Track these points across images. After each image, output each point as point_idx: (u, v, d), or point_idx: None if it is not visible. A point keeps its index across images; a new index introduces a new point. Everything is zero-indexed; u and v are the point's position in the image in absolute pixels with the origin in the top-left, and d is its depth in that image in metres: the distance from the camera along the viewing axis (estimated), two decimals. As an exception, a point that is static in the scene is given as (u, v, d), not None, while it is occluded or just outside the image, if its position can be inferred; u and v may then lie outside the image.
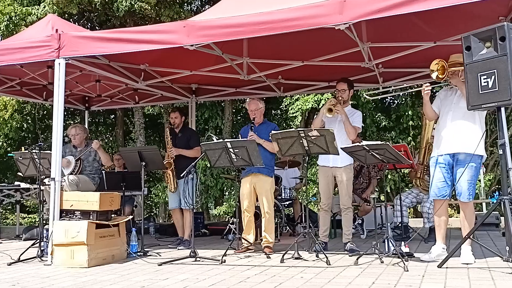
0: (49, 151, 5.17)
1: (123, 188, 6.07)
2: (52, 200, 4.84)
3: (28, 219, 15.67)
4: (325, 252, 4.55)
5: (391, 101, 13.82)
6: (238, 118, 15.16)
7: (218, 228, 7.68)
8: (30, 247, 5.09)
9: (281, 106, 12.83)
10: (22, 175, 5.90)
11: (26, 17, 11.00)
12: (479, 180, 8.86)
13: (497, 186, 12.80)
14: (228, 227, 6.99)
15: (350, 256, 4.79)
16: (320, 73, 6.92)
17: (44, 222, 5.23)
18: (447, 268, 3.94)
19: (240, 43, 5.84)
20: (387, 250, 4.52)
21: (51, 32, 5.34)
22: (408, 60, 6.18)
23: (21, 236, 7.47)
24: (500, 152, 3.87)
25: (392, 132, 12.29)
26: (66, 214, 4.83)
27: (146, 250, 5.35)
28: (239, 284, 3.52)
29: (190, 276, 3.90)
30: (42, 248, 4.95)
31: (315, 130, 4.57)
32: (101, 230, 4.74)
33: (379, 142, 4.41)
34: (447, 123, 4.34)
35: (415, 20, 4.98)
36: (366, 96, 7.61)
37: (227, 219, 11.10)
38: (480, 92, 3.83)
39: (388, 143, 4.40)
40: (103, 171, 6.38)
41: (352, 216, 5.31)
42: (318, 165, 5.41)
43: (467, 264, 4.09)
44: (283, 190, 7.14)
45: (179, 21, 6.04)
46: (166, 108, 13.07)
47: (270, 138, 4.86)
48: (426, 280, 3.50)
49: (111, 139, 16.48)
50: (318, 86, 7.61)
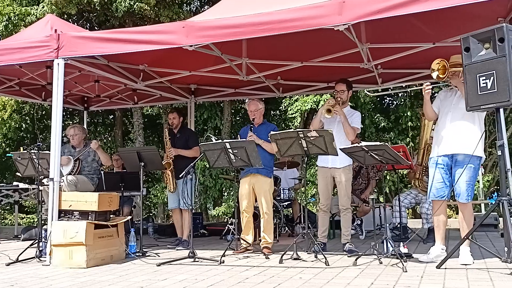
0: (47, 151, 5.16)
1: (122, 189, 6.07)
2: (51, 201, 4.83)
3: (26, 220, 15.65)
4: (324, 252, 4.56)
5: (390, 102, 13.83)
6: (237, 118, 15.16)
7: (217, 229, 7.68)
8: (28, 247, 5.08)
9: (280, 107, 12.83)
10: (21, 175, 5.89)
11: (25, 17, 10.98)
12: (478, 181, 8.86)
13: (495, 187, 12.82)
14: (227, 227, 6.99)
15: (349, 256, 4.79)
16: (319, 73, 6.92)
17: (42, 222, 5.22)
18: (445, 268, 3.94)
19: (239, 44, 5.84)
20: (386, 250, 4.52)
21: (50, 32, 5.33)
22: (407, 61, 6.18)
23: (19, 236, 7.46)
24: (499, 153, 3.87)
25: (391, 133, 12.30)
26: (64, 214, 4.83)
27: (144, 250, 5.35)
28: (238, 284, 3.52)
29: (189, 276, 3.90)
30: (41, 249, 4.94)
31: (314, 131, 4.58)
32: (99, 231, 4.73)
33: (378, 143, 4.41)
34: (446, 124, 4.34)
35: (414, 21, 4.98)
36: (368, 93, 7.61)
37: (226, 219, 11.09)
38: (479, 93, 3.83)
39: (387, 143, 4.39)
40: (102, 172, 6.38)
41: (351, 216, 5.31)
42: (317, 165, 5.41)
43: (466, 265, 4.10)
44: (282, 190, 7.13)
45: (178, 21, 6.03)
46: (165, 108, 13.06)
47: (269, 138, 4.87)
48: (424, 280, 3.50)
49: (110, 139, 16.46)
50: (317, 87, 7.61)
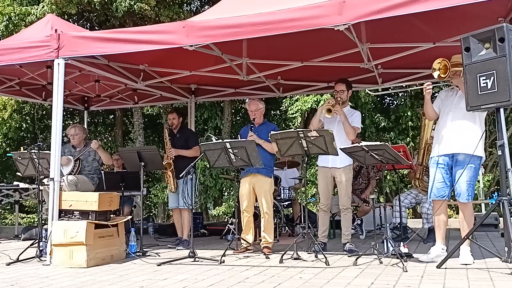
0: (48, 151, 5.16)
1: (122, 188, 6.07)
2: (51, 200, 4.83)
3: (27, 219, 15.65)
4: (324, 252, 4.55)
5: (390, 101, 13.83)
6: (238, 118, 15.17)
7: (217, 229, 7.68)
8: (29, 247, 5.08)
9: (281, 107, 12.83)
10: (21, 175, 5.89)
11: (26, 17, 10.98)
12: (478, 181, 8.86)
13: (496, 187, 12.82)
14: (227, 227, 6.99)
15: (349, 256, 4.79)
16: (320, 73, 6.92)
17: (43, 222, 5.23)
18: (446, 268, 3.94)
19: (239, 44, 5.83)
20: (386, 250, 4.52)
21: (50, 32, 5.34)
22: (407, 61, 6.18)
23: (20, 236, 7.46)
24: (499, 153, 3.87)
25: (391, 132, 12.31)
26: (65, 214, 4.83)
27: (145, 250, 5.35)
28: (238, 284, 3.52)
29: (189, 276, 3.90)
30: (41, 248, 4.94)
31: (314, 130, 4.57)
32: (100, 230, 4.73)
33: (378, 143, 4.41)
34: (447, 124, 4.34)
35: (414, 21, 4.98)
36: (369, 92, 7.61)
37: (226, 219, 11.09)
38: (479, 93, 3.83)
39: (387, 143, 4.40)
40: (102, 171, 6.38)
41: (351, 216, 5.31)
42: (317, 165, 5.41)
43: (466, 264, 4.10)
44: (282, 190, 7.14)
45: (178, 21, 6.04)
46: (165, 108, 13.07)
47: (270, 138, 4.87)
48: (425, 280, 3.50)
49: (110, 139, 16.47)
50: (318, 87, 7.61)
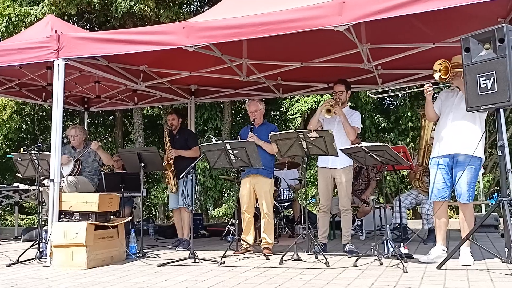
0: (48, 152, 5.16)
1: (122, 189, 6.07)
2: (51, 201, 4.83)
3: (27, 220, 15.64)
4: (324, 253, 4.56)
5: (390, 102, 13.83)
6: (238, 119, 15.17)
7: (217, 230, 7.67)
8: (29, 248, 5.08)
9: (281, 108, 12.83)
10: (21, 176, 5.89)
11: (25, 17, 10.99)
12: (478, 182, 8.85)
13: (496, 188, 12.81)
14: (227, 228, 6.99)
15: (349, 257, 4.79)
16: (320, 74, 6.92)
17: (43, 223, 5.22)
18: (446, 269, 3.94)
19: (239, 44, 5.83)
20: (386, 251, 4.52)
21: (50, 33, 5.33)
22: (407, 61, 6.18)
23: (20, 237, 7.45)
24: (499, 153, 3.87)
25: (391, 133, 12.31)
26: (65, 215, 4.83)
27: (145, 251, 5.34)
28: (238, 285, 3.52)
29: (189, 277, 3.89)
30: (41, 250, 4.94)
31: (314, 131, 4.57)
32: (100, 232, 4.73)
33: (378, 144, 4.41)
34: (447, 124, 4.34)
35: (414, 22, 4.98)
36: (370, 95, 7.62)
37: (226, 220, 11.08)
38: (479, 93, 3.83)
39: (387, 144, 4.40)
40: (102, 172, 6.38)
41: (351, 217, 5.31)
42: (317, 166, 5.41)
43: (466, 265, 4.09)
44: (282, 191, 7.13)
45: (178, 22, 6.04)
46: (165, 109, 13.07)
47: (269, 139, 4.86)
48: (425, 281, 3.50)
49: (110, 140, 16.47)
50: (318, 88, 7.61)
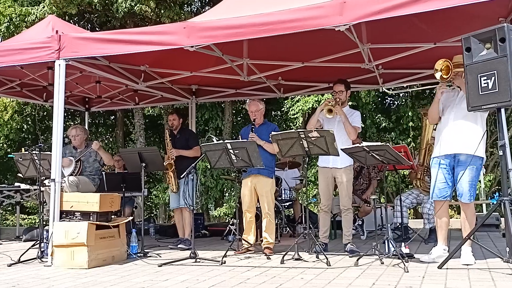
0: (49, 152, 5.17)
1: (123, 189, 6.07)
2: (52, 201, 4.84)
3: (28, 220, 15.67)
4: (325, 253, 4.55)
5: (391, 102, 13.82)
6: (238, 119, 15.17)
7: (218, 229, 7.68)
8: (30, 248, 5.08)
9: (282, 108, 12.83)
10: (22, 176, 5.90)
11: (26, 17, 11.00)
12: (480, 181, 8.85)
13: (497, 187, 12.79)
14: (228, 228, 6.99)
15: (350, 257, 4.79)
16: (320, 74, 6.92)
17: (44, 223, 5.23)
18: (447, 269, 3.94)
19: (240, 44, 5.84)
20: (387, 251, 4.52)
21: (51, 33, 5.33)
22: (408, 61, 6.18)
23: (21, 237, 7.46)
24: (500, 153, 3.87)
25: (392, 133, 12.30)
26: (66, 215, 4.83)
27: (146, 251, 5.34)
28: (239, 285, 3.52)
29: (190, 277, 3.90)
30: (42, 249, 4.95)
31: (315, 131, 4.57)
32: (101, 231, 4.73)
33: (379, 143, 4.41)
34: (448, 124, 4.33)
35: (415, 21, 4.98)
36: (386, 91, 7.62)
37: (227, 220, 11.09)
38: (480, 93, 3.83)
39: (388, 144, 4.39)
40: (103, 172, 6.38)
41: (352, 217, 5.31)
42: (318, 166, 5.41)
43: (468, 265, 4.09)
44: (283, 191, 7.13)
45: (179, 22, 6.04)
46: (166, 109, 13.08)
47: (270, 139, 4.86)
48: (426, 281, 3.50)
49: (111, 140, 16.48)
50: (318, 87, 7.60)
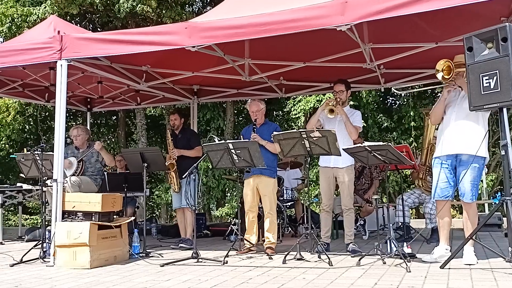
0: (51, 153, 5.18)
1: (125, 189, 6.08)
2: (54, 201, 4.85)
3: (30, 220, 15.68)
4: (327, 253, 4.55)
5: (393, 101, 13.81)
6: (240, 119, 15.18)
7: (220, 229, 7.67)
8: (32, 248, 5.09)
9: (283, 108, 12.82)
10: (24, 177, 5.91)
11: (28, 17, 11.01)
12: (482, 181, 8.84)
13: (499, 187, 12.78)
14: (230, 228, 6.99)
15: (352, 257, 4.79)
16: (322, 74, 6.91)
17: (46, 223, 5.24)
18: (449, 268, 3.94)
19: (241, 44, 5.84)
20: (389, 251, 4.52)
21: (53, 34, 5.35)
22: (410, 61, 6.18)
23: (23, 237, 7.47)
24: (502, 152, 3.86)
25: (394, 132, 12.29)
26: (68, 215, 4.84)
27: (148, 251, 5.35)
28: (241, 285, 3.52)
29: (192, 277, 3.90)
30: (45, 249, 4.95)
31: (317, 131, 4.57)
32: (103, 231, 4.74)
33: (381, 143, 4.40)
34: (450, 124, 4.33)
35: (416, 21, 4.97)
36: (395, 91, 7.60)
37: (229, 220, 11.08)
38: (482, 92, 3.82)
39: (390, 144, 4.39)
40: (105, 173, 6.39)
41: (353, 216, 5.30)
42: (319, 165, 5.40)
43: (470, 264, 4.09)
44: (285, 191, 7.13)
45: (180, 22, 6.05)
46: (168, 109, 13.09)
47: (272, 138, 4.86)
48: (428, 281, 3.50)
49: (113, 140, 16.51)
50: (320, 87, 7.60)
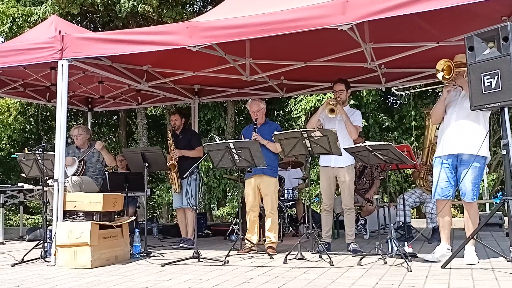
0: (52, 152, 5.18)
1: (126, 189, 6.08)
2: (56, 201, 4.85)
3: (31, 220, 15.70)
4: (328, 252, 4.56)
5: (394, 101, 13.80)
6: (241, 118, 15.18)
7: (221, 229, 7.68)
8: (33, 248, 5.10)
9: (284, 108, 12.82)
10: (26, 176, 5.91)
11: (29, 17, 11.02)
12: (483, 180, 8.82)
13: (500, 186, 12.76)
14: (231, 227, 6.99)
15: (353, 256, 4.79)
16: (323, 73, 6.91)
17: (47, 223, 5.24)
18: (450, 268, 3.93)
19: (242, 44, 5.84)
20: (390, 250, 4.51)
21: (54, 34, 5.35)
22: (410, 60, 6.17)
23: (24, 237, 7.48)
24: (504, 152, 3.86)
25: (395, 132, 12.28)
26: (69, 215, 4.84)
27: (149, 250, 5.36)
28: (243, 284, 3.52)
29: (193, 276, 3.90)
30: (46, 249, 4.96)
31: (318, 130, 4.57)
32: (104, 231, 4.74)
33: (382, 143, 4.40)
34: (451, 123, 4.33)
35: (417, 21, 4.97)
36: (394, 91, 7.61)
37: (230, 219, 11.09)
38: (483, 92, 3.82)
39: (391, 143, 4.39)
40: (106, 172, 6.39)
41: (354, 216, 5.30)
42: (319, 165, 5.40)
43: (471, 264, 4.09)
44: (285, 190, 7.13)
45: (181, 22, 6.05)
46: (168, 109, 13.10)
47: (273, 138, 4.86)
48: (429, 280, 3.49)
49: (114, 140, 16.51)
50: (321, 87, 7.60)
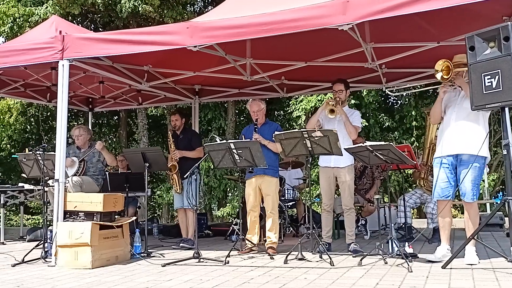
0: (53, 153, 5.18)
1: (127, 189, 6.08)
2: (56, 201, 4.85)
3: (32, 220, 15.72)
4: (328, 253, 4.55)
5: (394, 101, 13.80)
6: (241, 119, 15.18)
7: (222, 229, 7.68)
8: (34, 248, 5.10)
9: (284, 107, 12.81)
10: (26, 177, 5.91)
11: (29, 17, 11.03)
12: (483, 180, 8.81)
13: (501, 187, 12.75)
14: (231, 228, 6.99)
15: (353, 257, 4.78)
16: (324, 73, 6.91)
17: (48, 223, 5.25)
18: (451, 268, 3.93)
19: (243, 44, 5.84)
20: (391, 250, 4.52)
21: (54, 34, 5.35)
22: (411, 60, 6.17)
23: (25, 237, 7.49)
24: (504, 152, 3.85)
25: (396, 132, 12.28)
26: (70, 215, 4.85)
27: (149, 251, 5.35)
28: (243, 285, 3.52)
29: (194, 277, 3.90)
30: (46, 249, 4.96)
31: (318, 131, 4.57)
32: (105, 231, 4.74)
33: (383, 143, 4.40)
34: (450, 124, 4.33)
35: (418, 21, 4.97)
36: (388, 92, 7.61)
37: (230, 220, 11.09)
38: (484, 92, 3.82)
39: (391, 143, 4.39)
40: (107, 172, 6.39)
41: (354, 216, 5.30)
42: (319, 165, 5.40)
43: (471, 264, 4.09)
44: (286, 190, 7.13)
45: (182, 22, 6.05)
46: (169, 109, 13.11)
47: (274, 138, 4.86)
48: (430, 281, 3.49)
49: (114, 140, 16.51)
50: (322, 87, 7.60)
